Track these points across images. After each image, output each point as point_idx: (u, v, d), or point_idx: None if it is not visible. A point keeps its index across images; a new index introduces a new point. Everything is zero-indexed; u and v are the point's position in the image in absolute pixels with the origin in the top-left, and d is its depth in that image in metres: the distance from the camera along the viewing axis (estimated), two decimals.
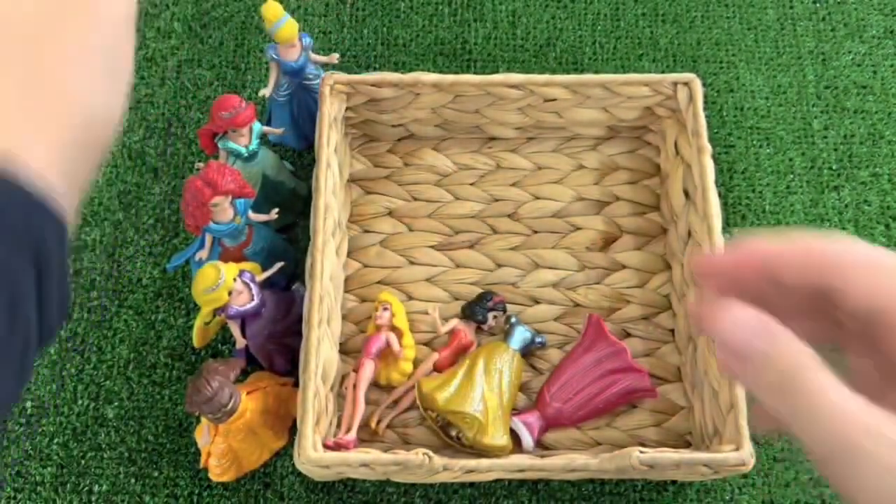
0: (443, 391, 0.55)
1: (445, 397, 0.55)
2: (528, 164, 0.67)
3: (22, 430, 0.59)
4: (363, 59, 0.73)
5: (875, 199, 0.67)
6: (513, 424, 0.57)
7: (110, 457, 0.58)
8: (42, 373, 0.61)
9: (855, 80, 0.72)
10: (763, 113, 0.71)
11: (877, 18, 0.75)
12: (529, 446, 0.56)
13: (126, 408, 0.60)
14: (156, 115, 0.70)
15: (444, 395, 0.55)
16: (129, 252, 0.65)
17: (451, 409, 0.55)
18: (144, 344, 0.62)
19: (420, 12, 0.75)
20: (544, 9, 0.76)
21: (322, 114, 0.60)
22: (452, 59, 0.73)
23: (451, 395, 0.55)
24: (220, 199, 0.54)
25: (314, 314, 0.53)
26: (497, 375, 0.57)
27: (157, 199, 0.67)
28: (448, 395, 0.55)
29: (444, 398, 0.55)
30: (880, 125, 0.70)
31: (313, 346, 0.53)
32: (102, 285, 0.64)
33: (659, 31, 0.75)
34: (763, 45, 0.74)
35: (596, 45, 0.74)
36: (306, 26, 0.74)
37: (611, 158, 0.68)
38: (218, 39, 0.74)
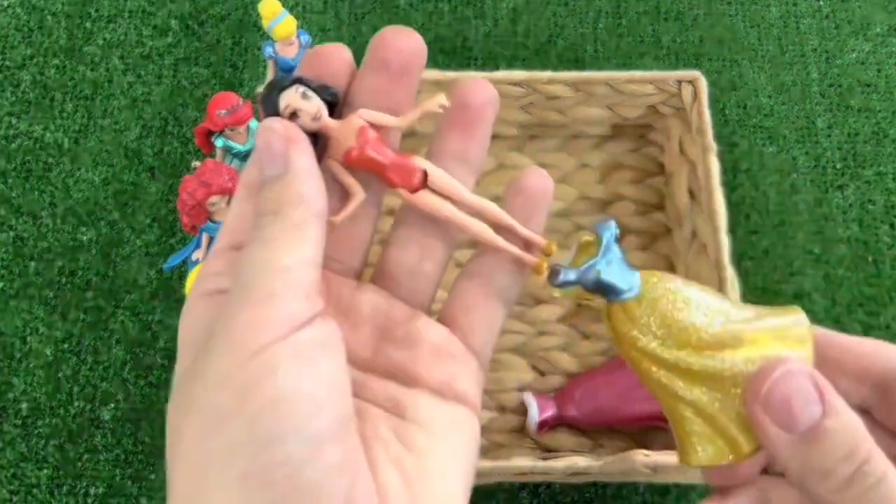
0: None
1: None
2: (531, 163, 0.67)
3: (17, 431, 0.59)
4: (362, 56, 0.72)
5: (880, 198, 0.67)
6: (526, 397, 0.56)
7: (106, 459, 0.58)
8: (37, 374, 0.60)
9: (859, 77, 0.72)
10: (766, 111, 0.70)
11: (881, 16, 0.74)
12: (532, 427, 0.56)
13: (122, 409, 0.59)
14: (152, 114, 0.70)
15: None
16: (125, 252, 0.64)
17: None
18: (141, 345, 0.61)
19: (419, 9, 0.75)
20: (545, 6, 0.75)
21: None
22: (453, 57, 0.73)
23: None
24: (216, 198, 0.53)
25: None
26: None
27: (153, 198, 0.66)
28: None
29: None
30: (885, 123, 0.70)
31: None
32: (98, 286, 0.63)
33: (661, 28, 0.74)
34: (766, 42, 0.73)
35: (597, 43, 0.73)
36: (304, 23, 0.73)
37: (614, 157, 0.67)
38: (215, 37, 0.73)
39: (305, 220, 0.21)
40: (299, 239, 0.21)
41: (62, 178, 0.67)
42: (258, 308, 0.20)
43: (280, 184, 0.22)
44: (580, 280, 0.24)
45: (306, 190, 0.22)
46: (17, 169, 0.68)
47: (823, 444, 0.20)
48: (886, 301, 0.63)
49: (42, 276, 0.64)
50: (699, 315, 0.23)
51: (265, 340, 0.19)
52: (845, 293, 0.63)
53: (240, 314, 0.20)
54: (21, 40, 0.73)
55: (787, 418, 0.21)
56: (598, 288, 0.24)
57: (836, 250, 0.65)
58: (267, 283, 0.20)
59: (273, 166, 0.22)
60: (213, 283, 0.23)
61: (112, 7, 0.74)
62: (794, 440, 0.21)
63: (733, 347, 0.22)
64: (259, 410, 0.19)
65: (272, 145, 0.22)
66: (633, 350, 0.23)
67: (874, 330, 0.62)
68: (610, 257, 0.24)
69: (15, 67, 0.72)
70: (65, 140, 0.69)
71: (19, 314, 0.62)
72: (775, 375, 0.21)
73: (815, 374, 0.21)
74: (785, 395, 0.21)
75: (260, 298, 0.20)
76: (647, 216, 0.65)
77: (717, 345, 0.23)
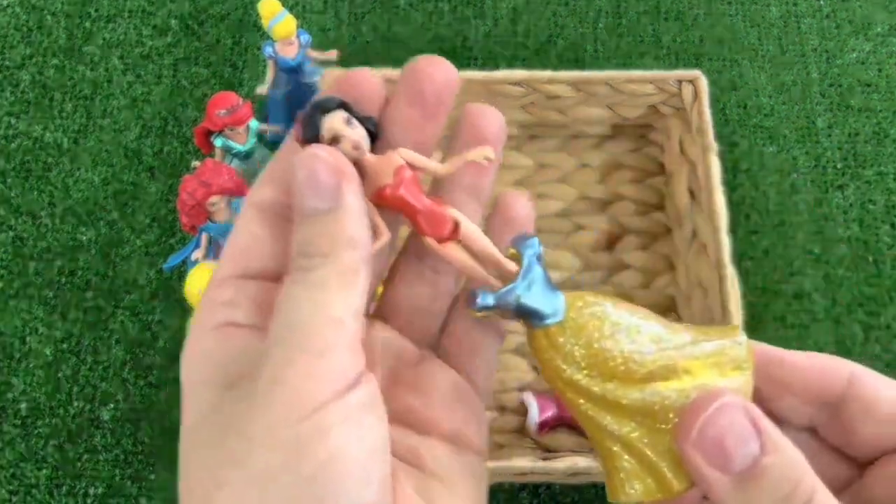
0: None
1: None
2: (531, 163, 0.67)
3: (17, 431, 0.58)
4: (362, 56, 0.72)
5: (880, 198, 0.67)
6: (526, 398, 0.56)
7: (106, 459, 0.58)
8: (37, 374, 0.60)
9: (860, 77, 0.71)
10: (767, 111, 0.70)
11: (882, 16, 0.74)
12: (533, 427, 0.56)
13: (122, 410, 0.59)
14: (152, 114, 0.69)
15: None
16: (124, 252, 0.64)
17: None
18: (140, 345, 0.61)
19: (419, 9, 0.75)
20: (545, 5, 0.75)
21: None
22: (452, 57, 0.72)
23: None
24: (216, 198, 0.53)
25: None
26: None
27: (153, 198, 0.66)
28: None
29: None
30: (885, 123, 0.70)
31: None
32: (98, 286, 0.63)
33: (661, 28, 0.74)
34: (767, 42, 0.73)
35: (597, 43, 0.73)
36: (304, 23, 0.73)
37: (614, 157, 0.67)
38: (215, 37, 0.73)
39: (357, 265, 0.20)
40: (350, 287, 0.20)
41: (62, 177, 0.67)
42: (312, 362, 0.18)
43: (329, 221, 0.20)
44: (499, 304, 0.22)
45: (358, 232, 0.20)
46: (17, 169, 0.67)
47: (762, 484, 0.19)
48: (887, 301, 0.63)
49: (41, 276, 0.63)
50: (628, 342, 0.21)
51: (320, 399, 0.18)
52: (845, 293, 0.63)
53: (292, 366, 0.18)
54: (20, 40, 0.73)
55: (721, 458, 0.19)
56: (519, 313, 0.22)
57: (836, 250, 0.65)
58: (320, 335, 0.19)
59: (320, 200, 0.20)
60: (224, 314, 0.21)
61: (111, 7, 0.74)
62: (730, 481, 0.19)
63: (665, 378, 0.21)
64: (312, 473, 0.18)
65: (320, 176, 0.20)
66: (558, 380, 0.22)
67: (874, 330, 0.62)
68: (531, 278, 0.22)
69: (14, 67, 0.72)
70: (64, 140, 0.69)
71: (19, 314, 0.62)
72: (708, 412, 0.20)
73: (750, 408, 0.20)
74: (718, 433, 0.19)
75: (314, 351, 0.19)
76: (648, 216, 0.65)
77: (647, 376, 0.21)
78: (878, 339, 0.62)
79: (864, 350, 0.61)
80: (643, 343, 0.21)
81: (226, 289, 0.21)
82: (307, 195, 0.20)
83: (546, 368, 0.22)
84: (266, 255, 0.21)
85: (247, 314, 0.21)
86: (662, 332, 0.22)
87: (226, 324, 0.21)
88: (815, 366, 0.22)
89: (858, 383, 0.21)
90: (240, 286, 0.21)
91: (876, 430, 0.21)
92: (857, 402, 0.21)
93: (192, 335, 0.21)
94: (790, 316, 0.62)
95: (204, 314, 0.21)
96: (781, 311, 0.63)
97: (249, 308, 0.21)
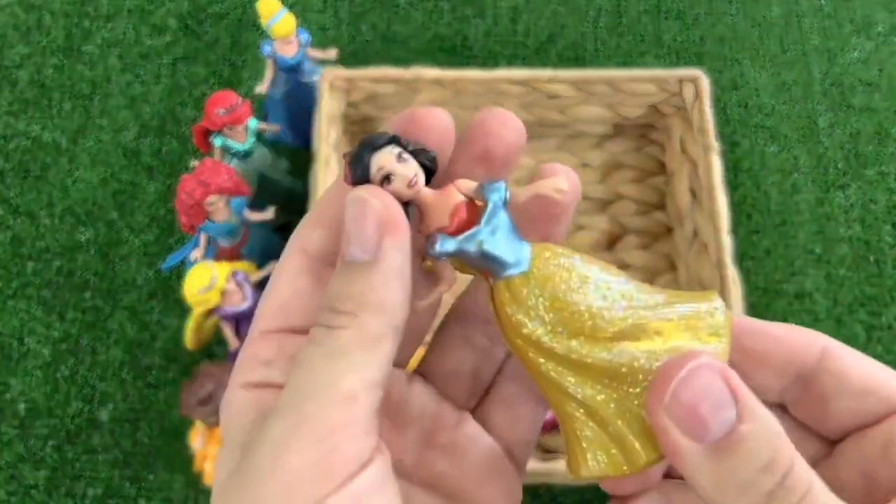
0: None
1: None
2: (531, 162, 0.66)
3: (15, 432, 0.58)
4: (361, 55, 0.72)
5: (882, 198, 0.67)
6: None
7: (104, 460, 0.58)
8: (35, 374, 0.60)
9: (861, 77, 0.71)
10: (768, 110, 0.70)
11: (883, 15, 0.74)
12: None
13: (120, 410, 0.59)
14: (150, 113, 0.69)
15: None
16: (123, 252, 0.64)
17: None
18: (139, 345, 0.61)
19: (419, 8, 0.74)
20: (546, 4, 0.75)
21: (320, 110, 0.59)
22: (452, 56, 0.72)
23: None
24: (214, 197, 0.53)
25: None
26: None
27: (151, 198, 0.66)
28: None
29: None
30: (887, 123, 0.69)
31: None
32: (96, 285, 0.63)
33: (662, 27, 0.74)
34: (768, 41, 0.73)
35: (598, 42, 0.73)
36: (303, 22, 0.73)
37: (615, 156, 0.67)
38: (214, 36, 0.73)
39: (382, 332, 0.18)
40: (372, 356, 0.18)
41: (60, 177, 0.67)
42: (315, 449, 0.17)
43: (363, 277, 0.18)
44: (460, 250, 0.19)
45: (391, 297, 0.18)
46: (15, 169, 0.67)
47: (739, 454, 0.17)
48: (888, 301, 0.63)
49: (40, 276, 0.63)
50: (597, 298, 0.19)
51: (322, 492, 0.17)
52: (847, 293, 0.63)
53: (294, 449, 0.17)
54: (19, 39, 0.73)
55: (695, 425, 0.18)
56: (481, 260, 0.20)
57: (837, 250, 0.65)
58: (329, 414, 0.17)
59: (358, 251, 0.18)
60: (261, 374, 0.19)
61: (110, 6, 0.74)
62: (704, 450, 0.17)
63: (635, 338, 0.19)
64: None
65: (365, 226, 0.18)
66: (516, 337, 0.20)
67: (876, 330, 0.62)
68: (496, 224, 0.20)
69: (13, 66, 0.72)
70: (63, 139, 0.68)
71: (17, 314, 0.62)
72: (681, 374, 0.18)
73: (728, 372, 0.18)
74: (693, 398, 0.18)
75: (319, 432, 0.17)
76: (648, 216, 0.65)
77: (615, 335, 0.19)
78: (880, 340, 0.61)
79: (865, 350, 0.60)
80: (613, 299, 0.19)
81: (267, 345, 0.20)
82: (349, 240, 0.19)
83: (505, 325, 0.20)
84: (311, 310, 0.20)
85: (285, 374, 0.19)
86: (634, 291, 0.20)
87: (262, 384, 0.19)
88: (789, 337, 0.21)
89: (830, 357, 0.20)
90: (282, 343, 0.20)
91: (846, 405, 0.20)
92: (828, 376, 0.20)
93: (230, 388, 0.20)
94: (791, 316, 0.62)
95: (241, 369, 0.20)
96: (783, 311, 0.62)
97: (289, 366, 0.19)
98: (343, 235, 0.19)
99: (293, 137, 0.67)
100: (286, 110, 0.65)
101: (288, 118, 0.65)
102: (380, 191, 0.19)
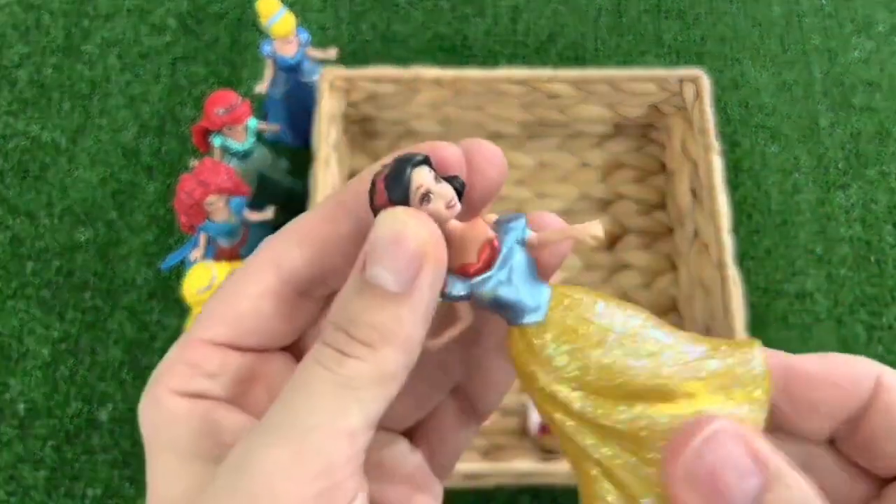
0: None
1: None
2: (531, 162, 0.66)
3: (14, 433, 0.58)
4: (361, 55, 0.72)
5: (883, 198, 0.66)
6: (527, 399, 0.57)
7: (104, 460, 0.57)
8: (35, 375, 0.60)
9: (862, 76, 0.71)
10: (769, 110, 0.70)
11: (883, 14, 0.74)
12: (533, 429, 0.56)
13: (120, 410, 0.59)
14: (150, 113, 0.69)
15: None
16: (122, 252, 0.64)
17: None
18: (138, 345, 0.61)
19: (419, 7, 0.74)
20: (546, 3, 0.75)
21: (320, 110, 0.59)
22: (452, 55, 0.72)
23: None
24: (214, 197, 0.53)
25: None
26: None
27: (151, 197, 0.66)
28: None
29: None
30: (888, 122, 0.69)
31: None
32: (96, 286, 0.63)
33: (662, 26, 0.73)
34: (769, 41, 0.73)
35: (598, 42, 0.73)
36: (303, 21, 0.73)
37: (615, 156, 0.67)
38: (213, 35, 0.72)
39: (399, 373, 0.17)
40: (381, 394, 0.17)
41: (59, 177, 0.67)
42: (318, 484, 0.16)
43: (390, 308, 0.17)
44: (471, 295, 0.18)
45: (416, 335, 0.17)
46: (14, 168, 0.67)
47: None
48: (889, 301, 0.62)
49: (39, 276, 0.63)
50: (618, 353, 0.18)
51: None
52: (848, 293, 0.63)
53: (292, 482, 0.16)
54: (18, 39, 0.73)
55: (716, 498, 0.16)
56: (494, 306, 0.18)
57: (838, 250, 0.64)
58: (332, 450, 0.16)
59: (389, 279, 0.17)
60: (200, 384, 0.18)
61: (110, 5, 0.74)
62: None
63: (658, 398, 0.18)
64: None
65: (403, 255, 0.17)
66: (533, 389, 0.18)
67: (877, 330, 0.62)
68: (512, 266, 0.18)
69: (12, 66, 0.71)
70: (62, 139, 0.68)
71: (16, 314, 0.62)
72: (698, 441, 0.17)
73: (748, 435, 0.17)
74: (711, 468, 0.16)
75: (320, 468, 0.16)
76: (649, 215, 0.65)
77: (637, 393, 0.18)
78: (881, 340, 0.61)
79: (866, 351, 0.60)
80: (637, 354, 0.18)
81: (208, 355, 0.19)
82: (383, 262, 0.17)
83: (521, 374, 0.19)
84: (266, 335, 0.19)
85: (227, 389, 0.18)
86: (663, 343, 0.18)
87: (200, 394, 0.18)
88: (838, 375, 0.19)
89: (884, 390, 0.19)
90: (226, 358, 0.19)
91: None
92: (881, 413, 0.19)
93: (156, 388, 0.18)
94: (792, 316, 0.62)
95: (178, 373, 0.18)
96: (783, 311, 0.62)
97: (231, 383, 0.18)
98: (369, 253, 0.17)
99: (293, 137, 0.67)
100: (286, 110, 0.65)
101: (287, 118, 0.65)
102: (425, 216, 0.17)
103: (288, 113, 0.65)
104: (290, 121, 0.65)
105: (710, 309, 0.56)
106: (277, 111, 0.65)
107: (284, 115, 0.65)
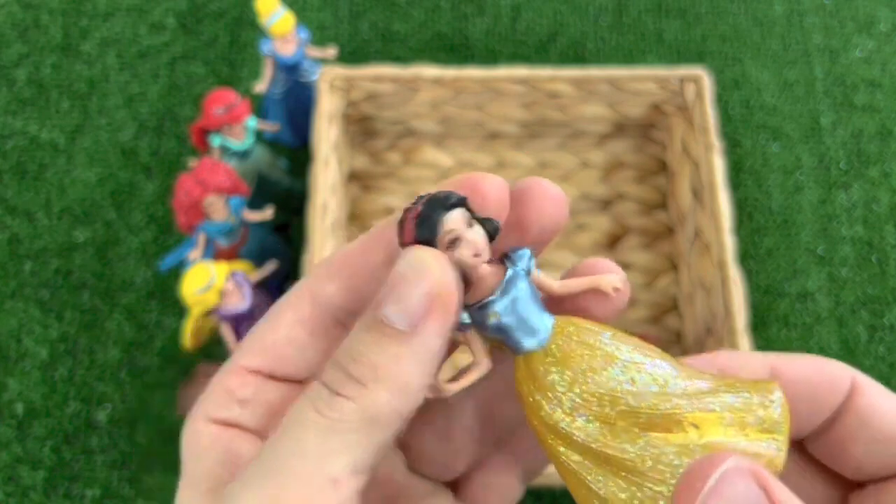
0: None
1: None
2: (532, 161, 0.66)
3: (13, 433, 0.58)
4: (361, 54, 0.72)
5: (884, 198, 0.66)
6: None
7: (102, 461, 0.57)
8: (33, 375, 0.59)
9: (864, 76, 0.71)
10: (770, 109, 0.69)
11: (885, 13, 0.74)
12: None
13: (119, 411, 0.59)
14: (148, 112, 0.69)
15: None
16: (121, 252, 0.64)
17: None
18: (137, 346, 0.60)
19: (419, 6, 0.74)
20: (546, 2, 0.74)
21: (320, 109, 0.59)
22: (452, 54, 0.72)
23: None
24: (213, 197, 0.52)
25: None
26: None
27: (149, 197, 0.65)
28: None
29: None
30: (890, 122, 0.69)
31: None
32: (94, 286, 0.62)
33: (663, 25, 0.73)
34: (770, 40, 0.72)
35: (599, 40, 0.73)
36: (302, 20, 0.73)
37: (616, 155, 0.66)
38: (212, 34, 0.72)
39: (393, 420, 0.16)
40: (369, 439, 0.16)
41: (58, 177, 0.66)
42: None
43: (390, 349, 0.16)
44: (475, 322, 0.18)
45: (415, 380, 0.17)
46: (13, 168, 0.67)
47: None
48: (891, 301, 0.62)
49: (37, 276, 0.63)
50: (624, 381, 0.17)
51: None
52: (849, 293, 0.63)
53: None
54: (16, 38, 0.72)
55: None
56: (497, 333, 0.18)
57: (840, 250, 0.64)
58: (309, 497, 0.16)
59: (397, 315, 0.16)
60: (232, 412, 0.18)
61: (108, 4, 0.74)
62: None
63: (665, 429, 0.17)
64: None
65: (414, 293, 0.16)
66: (535, 419, 0.18)
67: (879, 330, 0.61)
68: (515, 294, 0.18)
69: (10, 65, 0.71)
70: (60, 139, 0.68)
71: (14, 314, 0.62)
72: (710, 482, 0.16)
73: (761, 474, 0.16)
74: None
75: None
76: (650, 215, 0.64)
77: (643, 423, 0.17)
78: (883, 340, 0.61)
79: (868, 351, 0.60)
80: (643, 383, 0.17)
81: (244, 383, 0.18)
82: (394, 300, 0.16)
83: (524, 404, 0.18)
84: (302, 363, 0.19)
85: (257, 419, 0.18)
86: (670, 375, 0.18)
87: (230, 423, 0.18)
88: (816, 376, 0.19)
89: (859, 393, 0.19)
90: (260, 386, 0.19)
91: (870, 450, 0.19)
92: (854, 416, 0.19)
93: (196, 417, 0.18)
94: (793, 316, 0.62)
95: (215, 400, 0.18)
96: (785, 311, 0.62)
97: (263, 412, 0.18)
98: (384, 289, 0.17)
99: (292, 136, 0.66)
100: (285, 109, 0.64)
101: (287, 117, 0.65)
102: (444, 259, 0.17)
103: (287, 112, 0.64)
104: (289, 120, 0.65)
105: (710, 309, 0.56)
106: (276, 110, 0.64)
107: (283, 114, 0.64)
